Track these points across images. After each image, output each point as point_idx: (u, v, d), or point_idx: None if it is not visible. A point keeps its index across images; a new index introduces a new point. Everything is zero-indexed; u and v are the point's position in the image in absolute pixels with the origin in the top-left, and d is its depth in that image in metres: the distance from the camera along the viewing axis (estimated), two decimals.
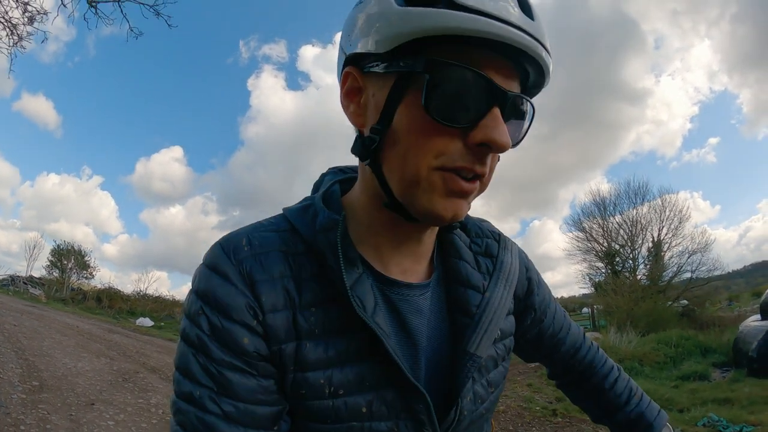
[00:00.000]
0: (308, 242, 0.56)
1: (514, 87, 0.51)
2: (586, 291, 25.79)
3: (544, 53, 0.50)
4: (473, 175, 0.51)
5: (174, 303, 28.78)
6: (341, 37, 0.58)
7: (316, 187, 0.67)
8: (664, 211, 20.38)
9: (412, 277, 0.61)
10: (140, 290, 29.26)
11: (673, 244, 20.00)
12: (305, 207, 0.60)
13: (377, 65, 0.52)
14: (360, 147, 0.55)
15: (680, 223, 20.07)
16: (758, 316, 7.46)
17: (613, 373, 0.83)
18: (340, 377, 0.53)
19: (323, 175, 0.68)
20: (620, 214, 21.84)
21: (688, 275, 19.26)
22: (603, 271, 22.29)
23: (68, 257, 30.88)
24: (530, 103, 0.54)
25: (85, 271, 31.50)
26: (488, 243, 0.70)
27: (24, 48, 6.54)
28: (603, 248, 22.04)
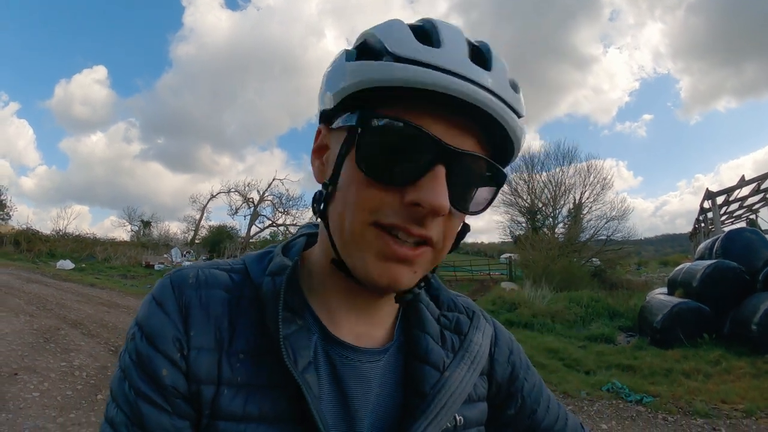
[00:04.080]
0: (257, 288, 0.54)
1: (469, 146, 0.47)
2: (506, 239, 26.90)
3: (499, 106, 0.46)
4: (416, 241, 0.48)
5: (95, 241, 27.27)
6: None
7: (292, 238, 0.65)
8: (589, 176, 21.73)
9: (366, 343, 0.57)
10: (60, 229, 27.83)
11: (593, 208, 21.55)
12: (265, 253, 0.59)
13: (335, 121, 0.52)
14: (312, 202, 0.55)
15: (602, 189, 21.59)
16: (665, 289, 8.02)
17: None
18: None
19: (300, 228, 0.67)
20: (547, 173, 22.98)
21: (603, 238, 20.75)
22: (524, 225, 23.45)
23: None
24: (497, 167, 0.50)
25: (1, 212, 29.00)
26: (459, 318, 0.64)
27: None
28: (526, 204, 23.10)
